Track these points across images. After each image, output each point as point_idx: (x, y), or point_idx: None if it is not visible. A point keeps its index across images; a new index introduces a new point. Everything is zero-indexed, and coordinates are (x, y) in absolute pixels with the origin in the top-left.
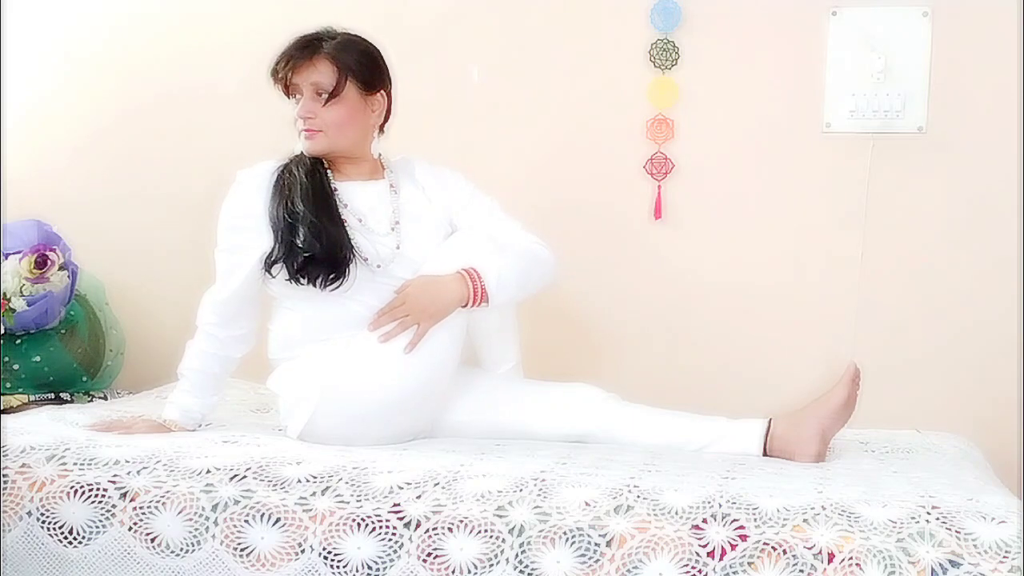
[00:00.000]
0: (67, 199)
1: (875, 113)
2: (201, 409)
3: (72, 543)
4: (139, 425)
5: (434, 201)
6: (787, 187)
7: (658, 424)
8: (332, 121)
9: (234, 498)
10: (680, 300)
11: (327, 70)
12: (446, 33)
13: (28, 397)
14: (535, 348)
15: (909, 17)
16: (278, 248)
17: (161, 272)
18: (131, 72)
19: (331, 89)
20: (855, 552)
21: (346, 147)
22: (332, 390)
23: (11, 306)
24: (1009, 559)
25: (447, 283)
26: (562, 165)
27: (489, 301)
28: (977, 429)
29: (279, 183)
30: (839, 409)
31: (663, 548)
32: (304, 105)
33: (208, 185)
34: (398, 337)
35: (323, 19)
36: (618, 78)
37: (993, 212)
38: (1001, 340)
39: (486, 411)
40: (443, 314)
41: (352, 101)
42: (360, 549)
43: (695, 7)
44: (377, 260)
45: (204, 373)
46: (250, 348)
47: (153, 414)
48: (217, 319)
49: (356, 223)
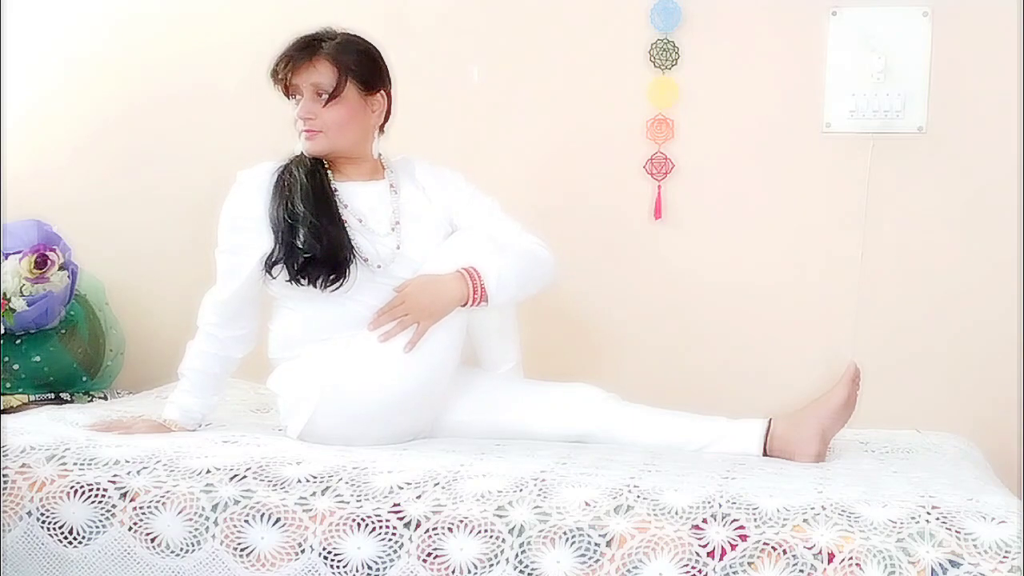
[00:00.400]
0: (67, 199)
1: (875, 113)
2: (201, 409)
3: (72, 543)
4: (139, 425)
5: (434, 201)
6: (787, 187)
7: (658, 424)
8: (332, 122)
9: (234, 498)
10: (680, 300)
11: (327, 71)
12: (446, 33)
13: (28, 397)
14: (535, 348)
15: (909, 17)
16: (278, 249)
17: (161, 272)
18: (131, 72)
19: (331, 90)
20: (855, 552)
21: (346, 147)
22: (332, 390)
23: (11, 306)
24: (1009, 559)
25: (447, 282)
26: (562, 165)
27: (489, 301)
28: (977, 429)
29: (279, 183)
30: (839, 409)
31: (663, 548)
32: (304, 106)
33: (208, 185)
34: (398, 336)
35: (323, 19)
36: (618, 78)
37: (993, 212)
38: (1001, 340)
39: (486, 411)
40: (442, 313)
41: (352, 101)
42: (360, 549)
43: (695, 7)
44: (377, 260)
45: (204, 373)
46: (251, 348)
47: (153, 414)
48: (217, 319)
49: (356, 223)
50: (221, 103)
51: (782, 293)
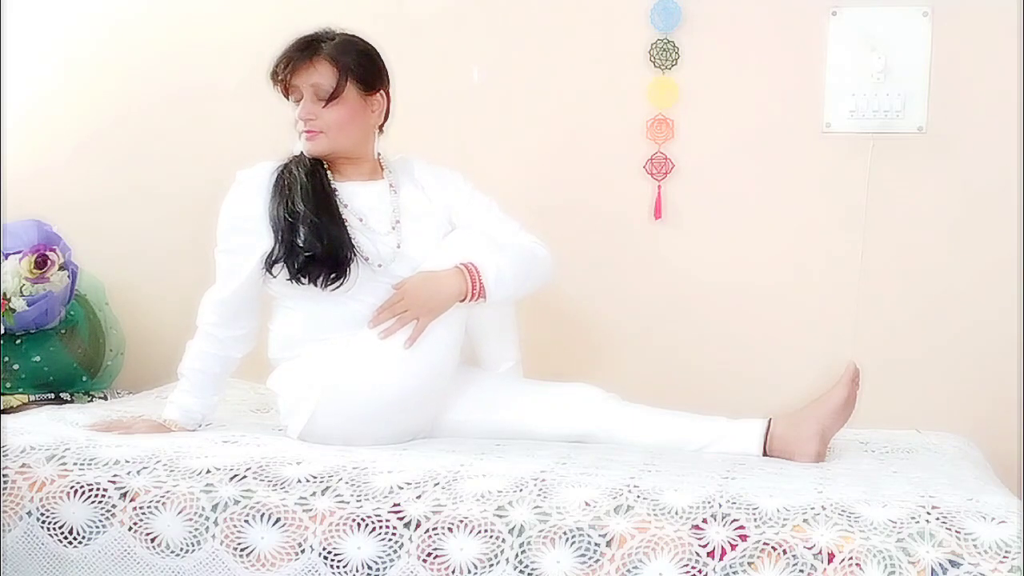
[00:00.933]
0: (67, 199)
1: (875, 113)
2: (202, 409)
3: (72, 543)
4: (139, 425)
5: (434, 200)
6: (787, 187)
7: (658, 424)
8: (333, 122)
9: (234, 498)
10: (680, 300)
11: (327, 71)
12: (446, 33)
13: (28, 397)
14: (535, 348)
15: (909, 17)
16: (278, 248)
17: (161, 272)
18: (131, 72)
19: (331, 90)
20: (855, 552)
21: (347, 148)
22: (332, 390)
23: (11, 306)
24: (1009, 559)
25: (445, 277)
26: (562, 165)
27: (487, 297)
28: (977, 429)
29: (279, 183)
30: (839, 409)
31: (663, 548)
32: (304, 107)
33: (208, 185)
34: (397, 335)
35: (322, 19)
36: (618, 78)
37: (993, 212)
38: (1001, 340)
39: (486, 411)
40: (442, 308)
41: (352, 102)
42: (360, 549)
43: (695, 7)
44: (378, 259)
45: (205, 373)
46: (251, 348)
47: (153, 414)
48: (217, 319)
49: (357, 223)
50: (221, 103)
51: (782, 293)
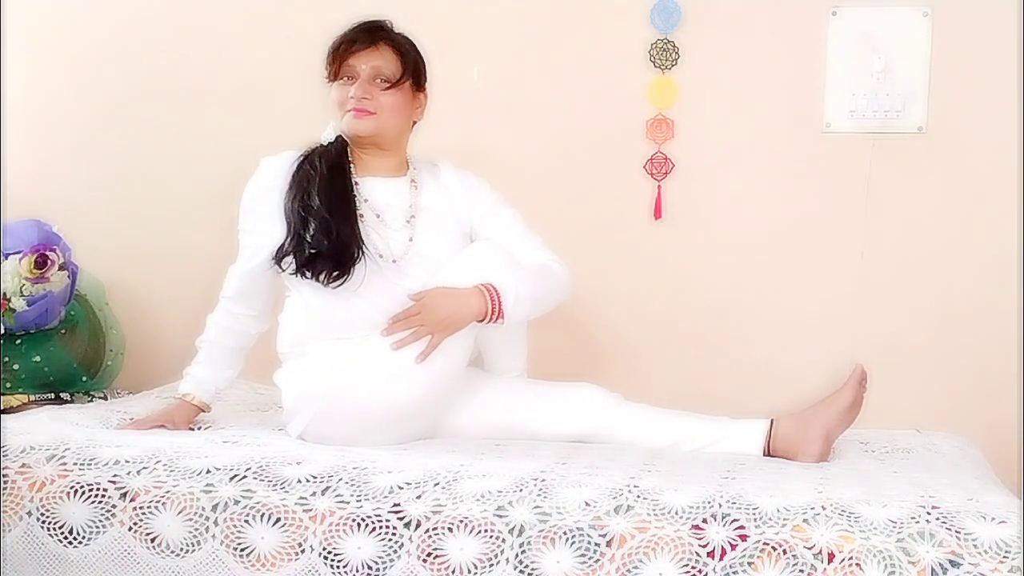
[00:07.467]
0: (67, 199)
1: (875, 113)
2: (215, 382)
3: (72, 543)
4: (155, 415)
5: (455, 203)
6: (787, 187)
7: (660, 424)
8: (387, 105)
9: (234, 498)
10: (680, 300)
11: (391, 58)
12: (446, 33)
13: (28, 397)
14: (537, 348)
15: (909, 17)
16: (289, 241)
17: (161, 272)
18: (131, 72)
19: (395, 76)
20: (855, 552)
21: (389, 135)
22: (336, 394)
23: (11, 306)
24: (1009, 559)
25: (466, 297)
26: (562, 165)
27: (505, 319)
28: (977, 429)
29: (298, 174)
30: (845, 410)
31: (663, 548)
32: (361, 86)
33: (208, 185)
34: (411, 346)
35: (322, 19)
36: (618, 78)
37: (993, 212)
38: (1001, 340)
39: (488, 411)
40: (458, 327)
41: (406, 93)
42: (360, 549)
43: (695, 7)
44: (391, 255)
45: (219, 345)
46: (266, 326)
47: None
48: (234, 293)
49: (374, 219)
50: (222, 103)
51: (781, 293)
